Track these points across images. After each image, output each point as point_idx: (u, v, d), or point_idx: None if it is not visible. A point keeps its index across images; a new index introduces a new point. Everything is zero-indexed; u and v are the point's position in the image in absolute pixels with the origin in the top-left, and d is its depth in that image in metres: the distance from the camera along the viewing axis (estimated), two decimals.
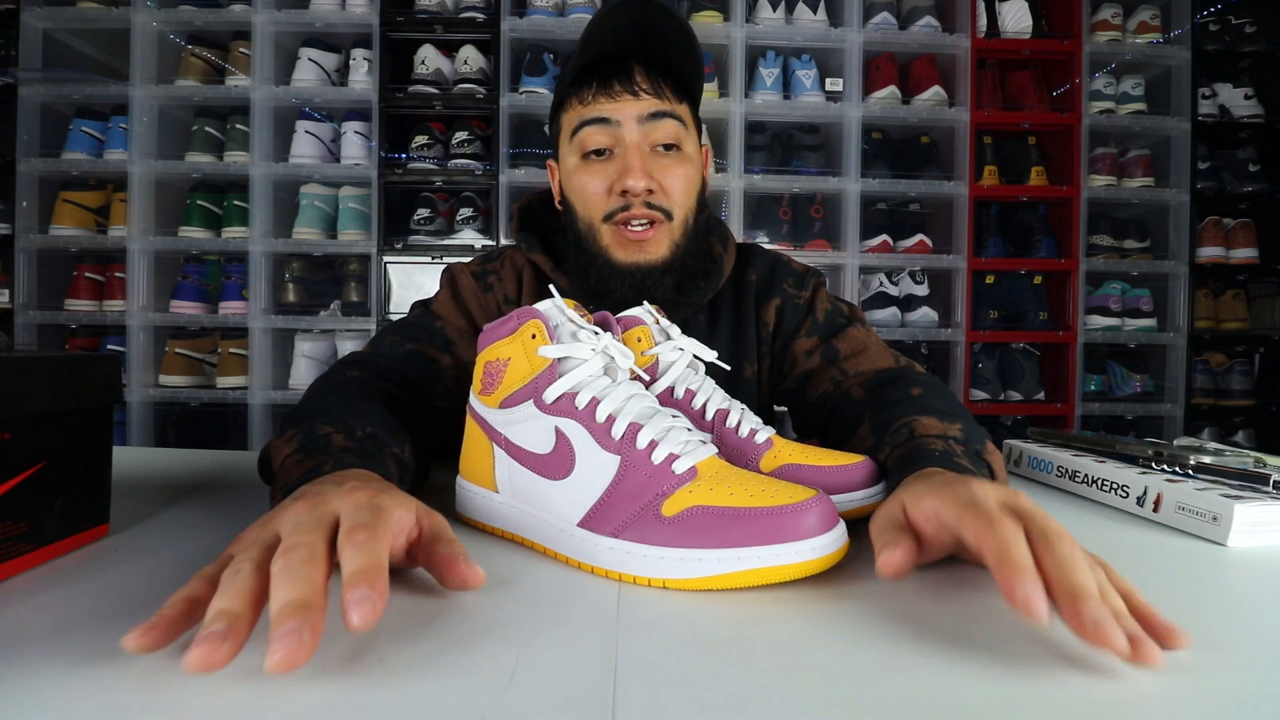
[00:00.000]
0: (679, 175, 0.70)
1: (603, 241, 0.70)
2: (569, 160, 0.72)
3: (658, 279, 0.69)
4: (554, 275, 0.75)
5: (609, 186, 0.69)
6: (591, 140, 0.69)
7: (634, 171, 0.67)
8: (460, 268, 0.77)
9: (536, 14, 2.05)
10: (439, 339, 0.70)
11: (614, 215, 0.69)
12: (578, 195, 0.71)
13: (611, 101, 0.68)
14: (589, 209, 0.70)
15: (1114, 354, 2.27)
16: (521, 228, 0.78)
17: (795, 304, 0.76)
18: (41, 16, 2.04)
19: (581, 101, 0.69)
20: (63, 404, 0.42)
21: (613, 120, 0.68)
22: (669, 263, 0.70)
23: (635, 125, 0.68)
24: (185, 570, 0.41)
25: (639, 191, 0.67)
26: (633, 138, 0.68)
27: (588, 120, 0.69)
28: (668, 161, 0.69)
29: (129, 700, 0.27)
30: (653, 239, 0.69)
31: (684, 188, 0.70)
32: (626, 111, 0.68)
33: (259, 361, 2.05)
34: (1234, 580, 0.43)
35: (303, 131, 2.08)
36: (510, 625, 0.34)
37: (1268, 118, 2.18)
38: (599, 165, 0.69)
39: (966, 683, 0.29)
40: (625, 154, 0.68)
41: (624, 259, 0.69)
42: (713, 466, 0.41)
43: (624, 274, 0.69)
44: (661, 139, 0.69)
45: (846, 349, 0.70)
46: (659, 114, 0.68)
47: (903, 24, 2.13)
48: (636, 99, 0.68)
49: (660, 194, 0.69)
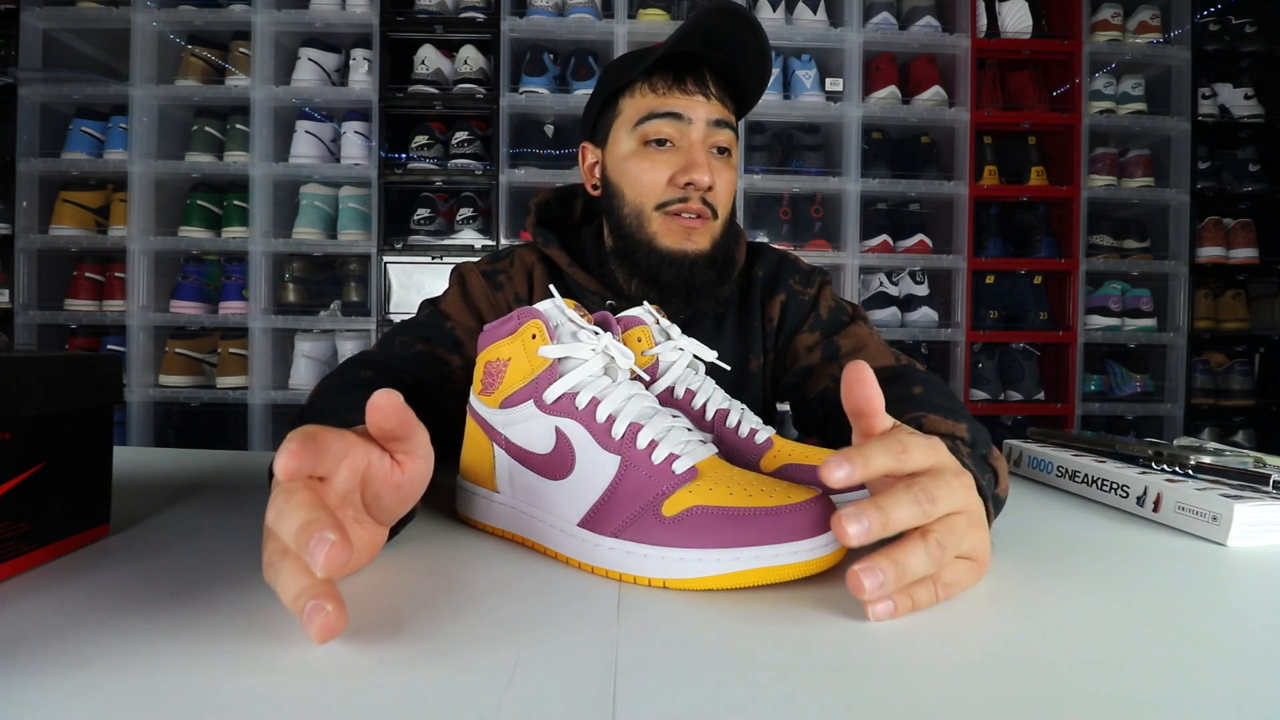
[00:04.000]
0: (728, 179, 0.72)
1: (651, 228, 0.71)
2: (624, 145, 0.73)
3: (702, 269, 0.71)
4: (570, 270, 0.76)
5: (670, 176, 0.70)
6: (658, 131, 0.70)
7: (701, 167, 0.69)
8: (469, 267, 0.77)
9: (536, 14, 2.05)
10: (449, 340, 0.70)
11: (670, 204, 0.70)
12: (631, 181, 0.72)
13: (685, 97, 0.70)
14: (641, 195, 0.71)
15: (1114, 354, 2.27)
16: (538, 224, 0.78)
17: (800, 300, 0.77)
18: (41, 16, 2.04)
19: (654, 91, 0.71)
20: (63, 404, 0.42)
21: (685, 116, 0.70)
22: (711, 256, 0.72)
23: (703, 125, 0.70)
24: (185, 570, 0.41)
25: (703, 186, 0.69)
26: (699, 135, 0.70)
27: (660, 112, 0.70)
28: (720, 165, 0.72)
29: (129, 700, 0.27)
30: (700, 230, 0.71)
31: (729, 191, 0.73)
32: (698, 111, 0.70)
33: (259, 361, 2.05)
34: (1234, 580, 0.43)
35: (303, 131, 2.08)
36: (510, 625, 0.34)
37: (1268, 118, 2.18)
38: (661, 155, 0.71)
39: (966, 683, 0.29)
40: (692, 149, 0.70)
41: (671, 246, 0.71)
42: (713, 466, 0.41)
43: (671, 261, 0.71)
44: (719, 143, 0.72)
45: (848, 346, 0.71)
46: (721, 122, 0.71)
47: (903, 24, 2.13)
48: (707, 101, 0.70)
49: (713, 193, 0.71)
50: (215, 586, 0.38)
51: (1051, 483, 0.69)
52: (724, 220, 0.73)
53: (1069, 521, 0.56)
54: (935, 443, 0.38)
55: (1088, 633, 0.34)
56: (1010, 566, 0.44)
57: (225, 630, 0.33)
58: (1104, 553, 0.48)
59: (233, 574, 0.40)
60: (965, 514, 0.37)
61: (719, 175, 0.71)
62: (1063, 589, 0.40)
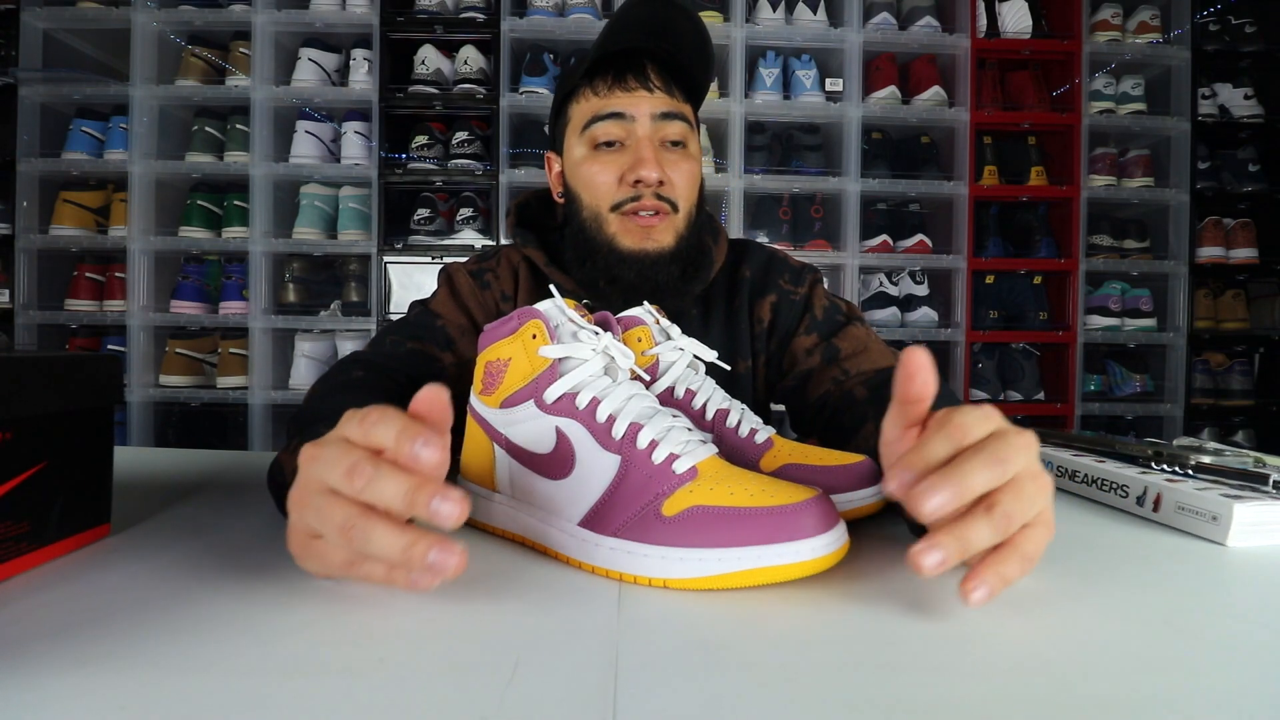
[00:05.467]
0: (685, 170, 0.71)
1: (609, 230, 0.71)
2: (576, 151, 0.73)
3: (665, 266, 0.71)
4: (548, 270, 0.76)
5: (620, 176, 0.70)
6: (604, 133, 0.70)
7: (648, 163, 0.68)
8: (456, 267, 0.77)
9: (536, 14, 2.05)
10: (440, 337, 0.70)
11: (623, 205, 0.70)
12: (585, 185, 0.72)
13: (627, 95, 0.70)
14: (597, 198, 0.71)
15: (1114, 354, 2.27)
16: (518, 224, 0.79)
17: (791, 300, 0.77)
18: (41, 16, 2.04)
19: (596, 93, 0.71)
20: (63, 404, 0.42)
21: (627, 115, 0.70)
22: (674, 252, 0.71)
23: (649, 121, 0.70)
24: (185, 570, 0.41)
25: (652, 182, 0.69)
26: (645, 131, 0.70)
27: (602, 115, 0.70)
28: (675, 157, 0.71)
29: (129, 700, 0.27)
30: (659, 227, 0.70)
31: (689, 182, 0.72)
32: (641, 108, 0.70)
33: (259, 361, 2.05)
34: (1234, 580, 0.43)
35: (303, 131, 2.08)
36: (510, 625, 0.34)
37: (1268, 118, 2.18)
38: (610, 155, 0.71)
39: (966, 683, 0.29)
40: (638, 146, 0.69)
41: (631, 246, 0.70)
42: (713, 466, 0.41)
43: (631, 261, 0.70)
44: (670, 136, 0.71)
45: (848, 348, 0.71)
46: (669, 114, 0.70)
47: (903, 24, 2.13)
48: (650, 95, 0.70)
49: (668, 186, 0.70)
50: (215, 586, 0.38)
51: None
52: (687, 213, 0.73)
53: (1069, 521, 0.56)
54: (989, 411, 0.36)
55: (1087, 632, 0.34)
56: None
57: (225, 630, 0.33)
58: (1104, 553, 0.48)
59: (233, 574, 0.40)
60: (1031, 477, 0.35)
61: (673, 168, 0.70)
62: (1062, 589, 0.40)
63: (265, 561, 0.42)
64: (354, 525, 0.33)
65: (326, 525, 0.34)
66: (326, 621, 0.34)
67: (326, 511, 0.34)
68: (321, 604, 0.36)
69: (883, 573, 0.42)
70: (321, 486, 0.34)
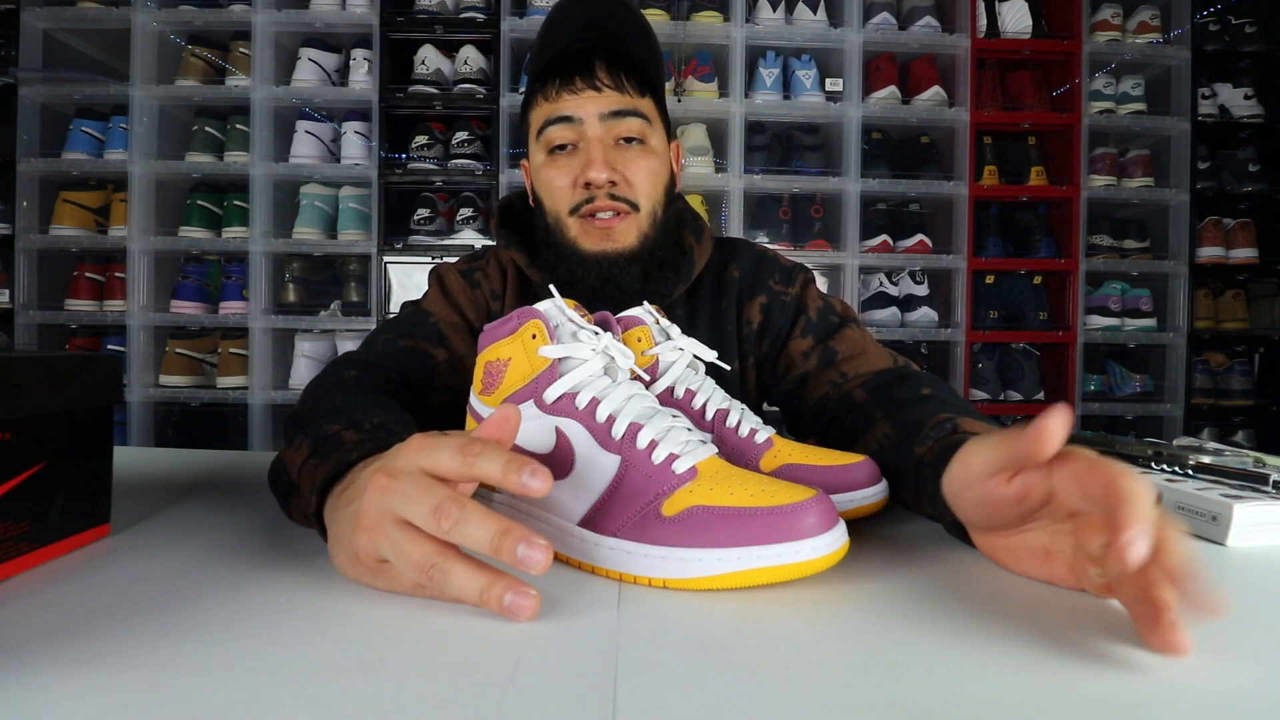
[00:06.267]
0: (643, 168, 0.71)
1: (570, 234, 0.71)
2: (536, 156, 0.73)
3: (625, 267, 0.70)
4: (529, 270, 0.76)
5: (573, 180, 0.70)
6: (556, 137, 0.70)
7: (595, 164, 0.68)
8: (446, 267, 0.78)
9: (536, 14, 2.05)
10: (433, 334, 0.70)
11: (579, 208, 0.70)
12: (545, 190, 0.72)
13: (575, 97, 0.69)
14: (555, 203, 0.72)
15: (1114, 354, 2.27)
16: (502, 225, 0.79)
17: (782, 301, 0.76)
18: (41, 16, 2.04)
19: (546, 99, 0.70)
20: (63, 404, 0.42)
21: (575, 117, 0.69)
22: (636, 252, 0.71)
23: (598, 121, 0.69)
24: (185, 570, 0.41)
25: (601, 183, 0.68)
26: (595, 132, 0.69)
27: (553, 119, 0.70)
28: (631, 154, 0.70)
29: (129, 700, 0.27)
30: (619, 228, 0.70)
31: (649, 179, 0.71)
32: (589, 109, 0.69)
33: (259, 361, 2.05)
34: (1234, 580, 0.43)
35: (303, 131, 2.08)
36: (510, 625, 0.34)
37: (1268, 118, 2.18)
38: (563, 159, 0.71)
39: (967, 683, 0.29)
40: (587, 147, 0.69)
41: (591, 248, 0.70)
42: (713, 466, 0.41)
43: (591, 263, 0.70)
44: (624, 133, 0.70)
45: (845, 350, 0.70)
46: (621, 111, 0.70)
47: (903, 24, 2.13)
48: (599, 94, 0.69)
49: (624, 186, 0.70)
50: (215, 586, 0.38)
51: None
52: (651, 212, 0.72)
53: None
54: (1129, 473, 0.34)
55: (1087, 632, 0.34)
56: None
57: (226, 630, 0.33)
58: None
59: (233, 574, 0.40)
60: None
61: (628, 165, 0.70)
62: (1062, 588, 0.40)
63: (265, 561, 0.42)
64: (434, 564, 0.34)
65: (402, 560, 0.35)
66: (327, 621, 0.34)
67: (405, 548, 0.34)
68: (322, 604, 0.36)
69: (883, 573, 0.42)
70: (396, 518, 0.35)
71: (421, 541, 0.34)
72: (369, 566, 0.37)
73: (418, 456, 0.36)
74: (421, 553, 0.34)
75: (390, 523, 0.35)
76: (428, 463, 0.36)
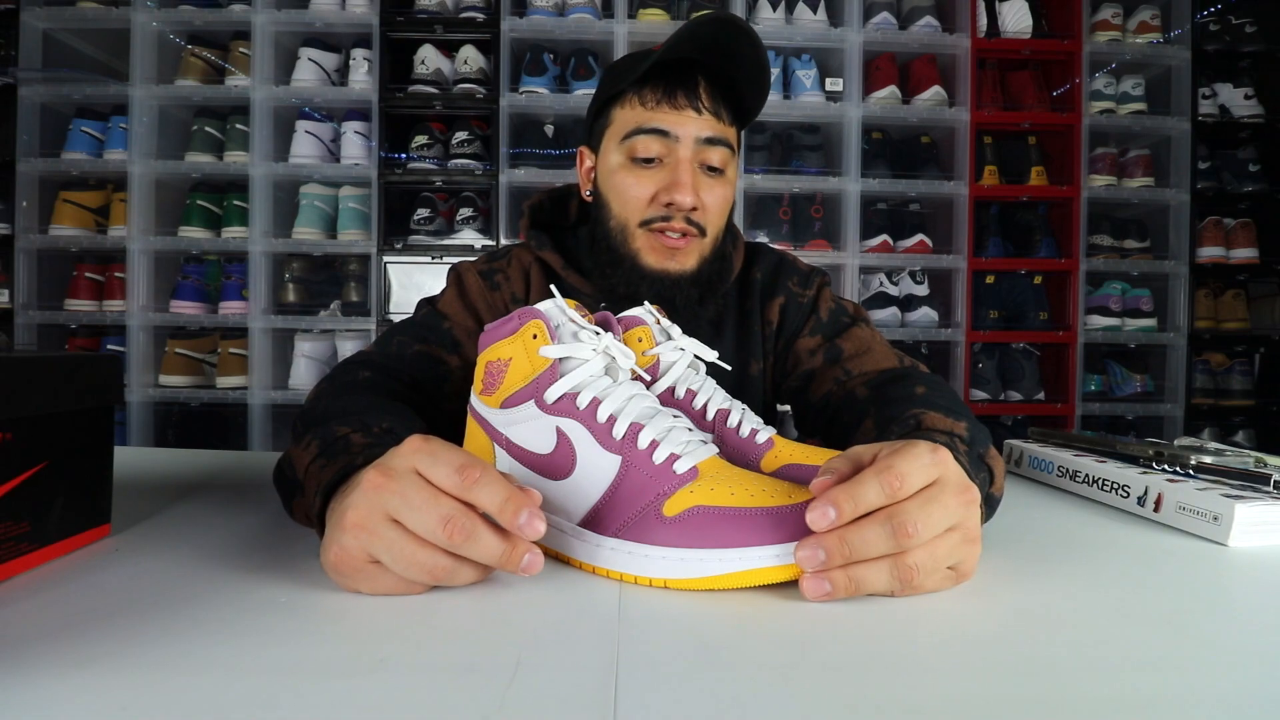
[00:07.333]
0: (720, 196, 0.70)
1: (634, 244, 0.70)
2: (613, 158, 0.71)
3: (685, 289, 0.70)
4: (564, 273, 0.75)
5: (654, 194, 0.69)
6: (644, 148, 0.68)
7: (685, 188, 0.67)
8: (467, 266, 0.76)
9: (536, 14, 2.05)
10: (446, 340, 0.70)
11: (652, 222, 0.69)
12: (617, 194, 0.71)
13: (674, 113, 0.68)
14: (627, 210, 0.70)
15: (1114, 354, 2.27)
16: (532, 226, 0.78)
17: (799, 302, 0.76)
18: (41, 16, 2.03)
19: (643, 104, 0.68)
20: (63, 404, 0.42)
21: (671, 134, 0.68)
22: (695, 275, 0.71)
23: (692, 143, 0.68)
24: (185, 570, 0.41)
25: (685, 207, 0.68)
26: (687, 154, 0.68)
27: (645, 128, 0.68)
28: (712, 182, 0.70)
29: (129, 700, 0.27)
30: (685, 250, 0.70)
31: (721, 208, 0.71)
32: (687, 128, 0.68)
33: (259, 361, 2.05)
34: (1234, 580, 0.43)
35: (303, 131, 2.08)
36: (512, 625, 0.34)
37: (1268, 118, 2.17)
38: (647, 172, 0.69)
39: (967, 683, 0.29)
40: (678, 168, 0.68)
41: (654, 265, 0.70)
42: (713, 466, 0.41)
43: (652, 279, 0.70)
44: (711, 161, 0.70)
45: (850, 349, 0.70)
46: (714, 139, 0.69)
47: (903, 24, 2.13)
48: (698, 116, 0.68)
49: (700, 212, 0.69)
50: (215, 586, 0.38)
51: (1052, 483, 0.69)
52: (714, 238, 0.72)
53: (1070, 521, 0.56)
54: (939, 458, 0.37)
55: (1088, 632, 0.34)
56: (1011, 566, 0.44)
57: (226, 630, 0.33)
58: (1104, 552, 0.48)
59: (233, 574, 0.40)
60: (961, 529, 0.37)
61: (708, 193, 0.69)
62: (1063, 589, 0.40)
63: (265, 562, 0.42)
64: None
65: (400, 563, 0.36)
66: (327, 621, 0.34)
67: (405, 554, 0.35)
68: (322, 604, 0.36)
69: None
70: (387, 517, 0.36)
71: (428, 551, 0.36)
72: (354, 565, 0.36)
73: (414, 459, 0.36)
74: (430, 561, 0.35)
75: (382, 522, 0.35)
76: (424, 469, 0.36)
